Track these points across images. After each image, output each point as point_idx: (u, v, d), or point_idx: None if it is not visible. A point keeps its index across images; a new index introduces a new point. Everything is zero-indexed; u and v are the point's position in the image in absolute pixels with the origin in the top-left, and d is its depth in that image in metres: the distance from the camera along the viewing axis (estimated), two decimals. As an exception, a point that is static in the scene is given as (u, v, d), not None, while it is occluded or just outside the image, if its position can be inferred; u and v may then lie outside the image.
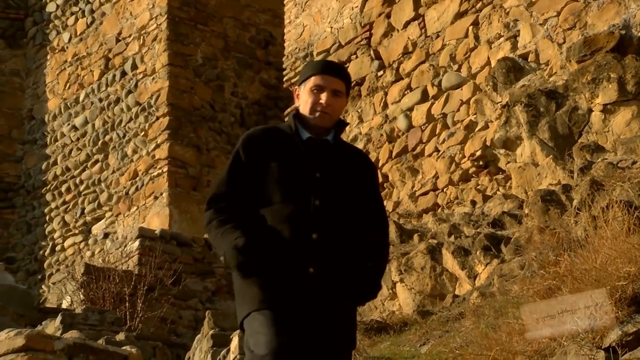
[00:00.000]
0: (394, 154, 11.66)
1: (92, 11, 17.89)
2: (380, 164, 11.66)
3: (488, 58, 10.75)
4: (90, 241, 16.86)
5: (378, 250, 4.39)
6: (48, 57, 18.53)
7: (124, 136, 16.77)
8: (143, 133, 16.45)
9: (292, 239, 4.13)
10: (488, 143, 10.40)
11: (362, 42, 12.32)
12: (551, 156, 9.40)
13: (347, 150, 4.38)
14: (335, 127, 4.33)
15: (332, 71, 4.31)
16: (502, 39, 10.63)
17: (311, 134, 4.29)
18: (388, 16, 12.01)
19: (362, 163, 4.37)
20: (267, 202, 4.19)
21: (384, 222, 4.43)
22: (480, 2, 10.93)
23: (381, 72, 12.02)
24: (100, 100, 17.34)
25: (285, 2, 13.84)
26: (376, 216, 4.38)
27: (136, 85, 16.77)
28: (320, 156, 4.26)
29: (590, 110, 9.24)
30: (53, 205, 17.70)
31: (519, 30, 10.46)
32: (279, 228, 4.15)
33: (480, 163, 10.72)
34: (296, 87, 4.39)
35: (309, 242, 4.13)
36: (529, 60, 10.26)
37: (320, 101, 4.25)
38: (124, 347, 5.65)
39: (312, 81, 4.29)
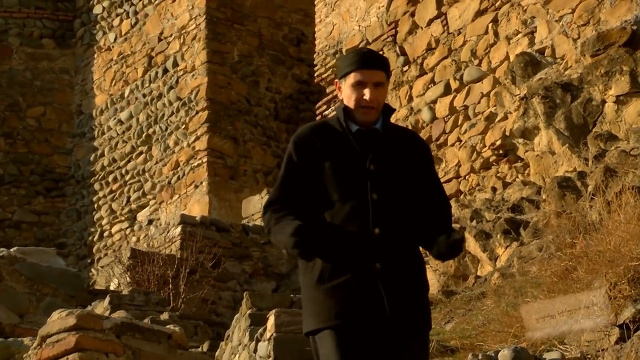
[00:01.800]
0: (418, 144, 11.62)
1: (135, 12, 17.92)
2: (406, 154, 11.62)
3: (507, 53, 10.71)
4: (136, 227, 16.91)
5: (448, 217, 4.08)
6: (95, 55, 18.59)
7: (166, 129, 16.80)
8: (184, 126, 16.49)
9: (355, 236, 3.83)
10: (507, 133, 10.36)
11: (388, 39, 12.29)
12: (567, 145, 9.36)
13: (398, 135, 4.05)
14: (382, 114, 4.01)
15: (370, 64, 3.98)
16: (520, 35, 10.58)
17: (359, 125, 3.98)
18: (412, 15, 11.98)
19: (415, 144, 4.06)
20: (325, 202, 3.91)
21: (446, 202, 4.10)
22: (499, 1, 10.89)
23: (406, 67, 12.00)
24: (144, 95, 17.39)
25: (315, 2, 13.82)
26: (437, 198, 4.05)
27: (177, 82, 16.80)
28: (372, 147, 3.94)
29: (603, 102, 9.19)
30: (101, 194, 17.77)
31: (536, 27, 10.42)
32: (340, 227, 3.86)
33: (500, 152, 10.68)
34: (337, 80, 4.07)
35: (372, 237, 3.83)
36: (545, 54, 10.22)
37: (364, 97, 3.94)
38: (168, 326, 5.67)
39: (352, 77, 3.97)
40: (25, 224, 18.20)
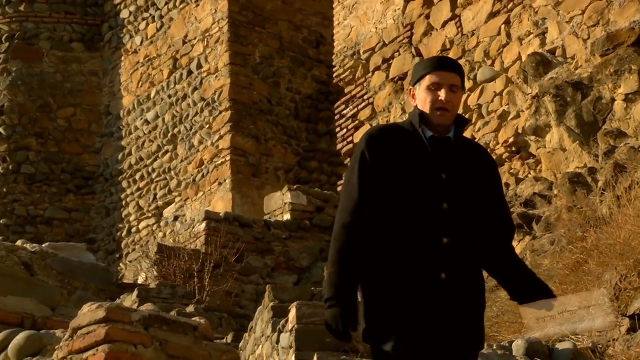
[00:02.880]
0: (434, 141, 11.60)
1: (161, 17, 17.95)
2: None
3: (519, 53, 10.68)
4: (162, 223, 16.95)
5: (512, 247, 3.88)
6: (122, 58, 18.62)
7: (191, 128, 16.82)
8: (208, 125, 16.50)
9: (423, 243, 3.63)
10: (520, 130, 10.33)
11: (404, 41, 12.27)
12: (577, 142, 9.33)
13: (469, 147, 3.85)
14: (455, 124, 3.80)
15: (446, 66, 3.79)
16: (531, 36, 10.55)
17: (433, 132, 3.76)
18: (427, 17, 11.96)
19: (484, 159, 3.85)
20: (395, 206, 3.68)
21: (509, 223, 3.89)
22: (512, 3, 10.86)
23: (422, 68, 11.96)
24: (169, 96, 17.41)
25: (334, 6, 13.81)
26: (502, 218, 3.83)
27: (201, 83, 16.82)
28: (444, 155, 3.73)
29: (613, 100, 9.15)
30: (128, 191, 17.81)
31: (547, 28, 10.38)
32: (408, 232, 3.64)
33: (513, 149, 10.65)
34: (410, 87, 3.86)
35: (439, 246, 3.62)
36: (556, 54, 10.19)
37: (440, 98, 3.74)
38: (193, 318, 5.67)
39: (427, 79, 3.77)
40: (56, 221, 18.25)
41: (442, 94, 3.74)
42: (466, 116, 11.25)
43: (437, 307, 3.59)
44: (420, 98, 3.78)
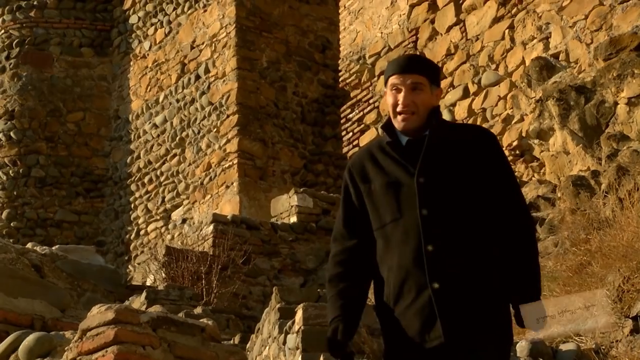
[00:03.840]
0: (439, 145, 11.59)
1: (169, 22, 17.97)
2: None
3: (523, 58, 10.67)
4: (170, 226, 16.95)
5: (519, 234, 3.48)
6: (131, 63, 18.64)
7: (199, 132, 16.83)
8: (215, 129, 16.51)
9: (409, 258, 3.41)
10: (524, 134, 10.32)
11: (409, 46, 12.27)
12: (581, 145, 9.31)
13: (454, 136, 3.53)
14: (430, 119, 3.52)
15: (406, 68, 3.53)
16: (535, 41, 10.54)
17: (410, 137, 3.51)
18: (432, 22, 11.95)
19: (475, 141, 3.51)
20: (382, 224, 3.49)
21: (516, 200, 3.52)
22: (515, 8, 10.85)
23: (427, 72, 11.96)
24: (178, 100, 17.43)
25: (340, 11, 13.82)
26: (505, 196, 3.49)
27: (209, 87, 16.83)
28: (422, 158, 3.47)
29: (616, 103, 9.14)
30: (137, 194, 17.83)
31: (550, 33, 10.37)
32: (396, 250, 3.44)
33: (517, 152, 10.64)
34: (385, 90, 3.62)
35: (425, 256, 3.38)
36: (559, 59, 10.17)
37: (398, 102, 3.51)
38: (201, 320, 5.67)
39: (389, 83, 3.54)
40: (66, 223, 18.27)
41: (400, 98, 3.51)
42: (471, 120, 11.28)
43: (433, 321, 3.38)
44: (387, 103, 3.58)
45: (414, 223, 3.41)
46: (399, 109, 3.51)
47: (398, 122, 3.52)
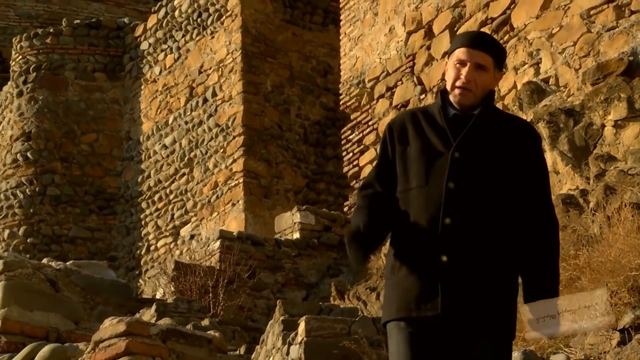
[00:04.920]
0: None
1: (178, 48, 18.00)
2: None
3: (515, 82, 10.68)
4: (179, 242, 16.94)
5: (544, 232, 3.37)
6: (142, 87, 18.67)
7: (206, 153, 16.84)
8: (222, 150, 16.52)
9: (424, 226, 3.25)
10: (515, 155, 10.31)
11: (406, 71, 12.28)
12: (570, 165, 9.31)
13: (501, 122, 3.39)
14: (484, 101, 3.39)
15: (476, 44, 3.36)
16: (526, 66, 10.55)
17: (457, 111, 3.37)
18: (428, 48, 11.97)
19: (519, 135, 3.37)
20: (407, 188, 3.34)
21: (545, 200, 3.43)
22: (508, 35, 10.86)
23: (423, 96, 11.98)
24: (186, 122, 17.44)
25: (340, 38, 13.84)
26: (535, 194, 3.37)
27: (216, 110, 16.85)
28: (464, 133, 3.32)
29: (603, 126, 9.14)
30: (147, 212, 17.82)
31: (541, 58, 10.39)
32: (413, 216, 3.29)
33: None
34: (446, 59, 3.49)
35: (440, 228, 3.23)
36: (549, 83, 10.18)
37: (460, 76, 3.36)
38: (208, 332, 5.66)
39: (455, 55, 3.38)
40: (79, 240, 18.26)
41: (463, 72, 3.36)
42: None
43: (434, 293, 3.22)
44: (447, 75, 3.43)
45: (438, 194, 3.26)
46: (459, 83, 3.37)
47: (454, 95, 3.38)
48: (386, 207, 3.38)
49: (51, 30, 19.46)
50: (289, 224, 13.93)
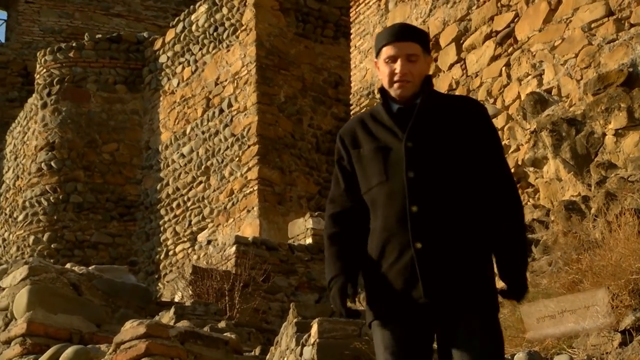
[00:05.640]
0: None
1: (195, 61, 18.04)
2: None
3: (518, 93, 10.67)
4: (196, 247, 16.96)
5: (507, 204, 3.27)
6: (161, 98, 18.71)
7: (222, 161, 16.86)
8: (237, 159, 16.54)
9: (393, 219, 3.20)
10: (520, 162, 10.30)
11: (414, 82, 12.28)
12: (572, 172, 9.29)
13: (445, 105, 3.33)
14: (423, 87, 3.33)
15: (401, 37, 3.31)
16: (530, 77, 10.54)
17: (400, 104, 3.32)
18: (435, 60, 11.97)
19: (466, 111, 3.30)
20: (369, 188, 3.29)
21: (503, 170, 3.34)
22: (512, 47, 10.86)
23: (430, 106, 11.97)
24: (203, 132, 17.47)
25: (351, 51, 13.85)
26: (493, 166, 3.29)
27: (231, 120, 16.88)
28: (411, 123, 3.27)
29: (604, 135, 9.12)
30: (166, 218, 17.84)
31: (543, 70, 10.38)
32: (380, 212, 3.24)
33: (514, 179, 10.62)
34: (375, 59, 3.43)
35: (409, 217, 3.17)
36: (552, 94, 10.17)
37: (395, 71, 3.31)
38: (225, 333, 5.67)
39: (384, 52, 3.33)
40: (101, 245, 18.31)
41: (397, 67, 3.31)
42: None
43: (415, 281, 3.16)
44: (382, 73, 3.37)
45: (400, 185, 3.21)
46: (396, 78, 3.32)
47: (394, 90, 3.34)
48: (357, 224, 3.32)
49: (74, 44, 19.52)
50: (302, 229, 13.93)
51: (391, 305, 3.21)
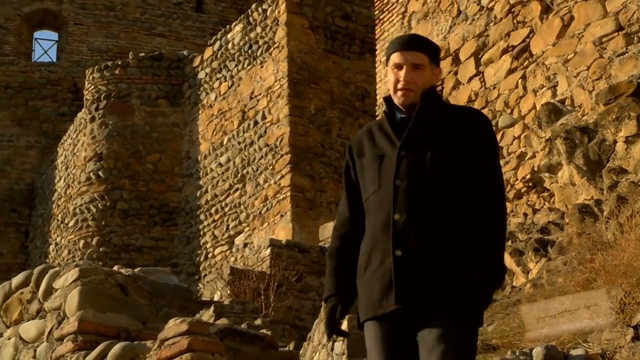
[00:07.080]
0: (462, 178, 11.53)
1: (231, 77, 18.10)
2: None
3: (534, 103, 10.62)
4: (234, 250, 16.99)
5: (488, 215, 3.06)
6: (200, 112, 18.79)
7: (257, 170, 16.90)
8: (271, 167, 16.57)
9: (380, 227, 3.08)
10: (536, 168, 10.25)
11: (436, 94, 12.25)
12: (585, 177, 9.24)
13: (445, 115, 3.16)
14: (424, 96, 3.16)
15: (408, 46, 3.16)
16: (544, 89, 10.49)
17: (403, 113, 3.17)
18: (455, 73, 11.94)
19: (467, 123, 3.13)
20: (367, 197, 3.18)
21: (492, 185, 3.10)
22: (527, 61, 10.81)
23: (451, 116, 11.93)
24: (239, 143, 17.52)
25: (376, 65, 13.84)
26: (484, 180, 3.09)
27: (265, 131, 16.91)
28: (406, 132, 3.11)
29: (615, 142, 9.06)
30: (205, 223, 17.90)
31: (557, 82, 10.33)
32: (372, 219, 3.12)
33: (530, 184, 10.57)
34: (386, 67, 3.28)
35: (392, 225, 3.03)
36: (566, 104, 10.12)
37: (399, 79, 3.16)
38: (261, 330, 5.67)
39: (391, 60, 3.21)
40: (145, 248, 18.40)
41: (401, 75, 3.16)
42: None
43: (390, 286, 3.03)
44: (388, 80, 3.23)
45: (388, 194, 3.07)
46: (399, 85, 3.17)
47: (398, 98, 3.18)
48: (360, 238, 3.19)
49: (119, 62, 19.66)
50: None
51: (372, 311, 3.12)
